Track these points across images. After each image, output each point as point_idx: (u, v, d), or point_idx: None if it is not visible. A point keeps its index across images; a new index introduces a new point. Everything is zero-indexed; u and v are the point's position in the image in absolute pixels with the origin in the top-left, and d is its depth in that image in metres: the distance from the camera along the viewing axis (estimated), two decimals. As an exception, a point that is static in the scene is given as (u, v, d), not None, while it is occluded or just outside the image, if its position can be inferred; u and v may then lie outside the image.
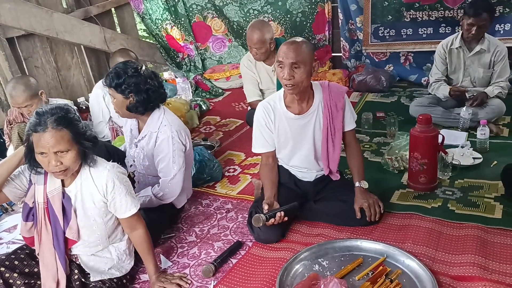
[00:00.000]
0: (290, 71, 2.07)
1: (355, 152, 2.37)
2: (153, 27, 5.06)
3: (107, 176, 1.84)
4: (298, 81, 2.10)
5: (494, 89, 3.21)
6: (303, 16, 4.64)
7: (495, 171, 2.62)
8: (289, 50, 2.08)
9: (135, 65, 2.25)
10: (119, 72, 2.20)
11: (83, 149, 1.77)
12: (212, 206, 2.66)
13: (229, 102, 4.48)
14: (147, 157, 2.39)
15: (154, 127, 2.32)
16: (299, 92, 2.16)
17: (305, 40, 2.15)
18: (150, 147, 2.35)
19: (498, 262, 1.91)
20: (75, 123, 1.76)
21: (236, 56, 5.01)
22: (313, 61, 2.14)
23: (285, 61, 2.08)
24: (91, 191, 1.85)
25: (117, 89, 2.21)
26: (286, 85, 2.12)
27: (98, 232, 1.93)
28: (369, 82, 4.21)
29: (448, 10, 3.98)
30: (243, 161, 3.18)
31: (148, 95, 2.24)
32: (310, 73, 2.13)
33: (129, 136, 2.49)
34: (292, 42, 2.11)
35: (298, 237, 2.27)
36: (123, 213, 1.91)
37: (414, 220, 2.27)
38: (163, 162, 2.32)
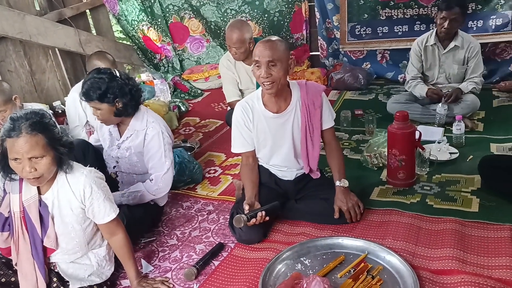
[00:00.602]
0: (267, 69, 2.08)
1: (335, 151, 2.37)
2: (129, 29, 5.00)
3: (84, 181, 1.81)
4: (276, 78, 2.10)
5: (468, 85, 3.28)
6: (280, 16, 4.65)
7: (471, 165, 2.67)
8: (265, 48, 2.08)
9: (108, 71, 2.24)
10: (98, 83, 2.18)
11: (59, 155, 1.74)
12: (193, 209, 2.64)
13: (208, 102, 4.46)
14: (135, 155, 2.39)
15: (140, 125, 2.35)
16: (277, 90, 2.17)
17: (279, 38, 2.16)
18: (138, 145, 2.35)
19: (476, 254, 1.95)
20: (51, 128, 1.72)
21: (214, 57, 4.99)
22: (289, 59, 2.15)
23: (261, 59, 2.08)
24: (69, 198, 1.82)
25: (103, 99, 2.20)
26: (264, 84, 2.12)
27: (76, 239, 1.89)
28: (347, 80, 4.25)
29: (422, 8, 4.05)
30: (224, 162, 3.17)
31: (132, 95, 2.26)
32: (286, 71, 2.14)
33: (108, 139, 2.46)
34: (267, 41, 2.12)
35: (280, 236, 2.27)
36: (102, 219, 1.88)
37: (394, 216, 2.30)
38: (155, 158, 2.34)
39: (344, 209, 2.23)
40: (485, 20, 3.89)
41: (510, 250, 1.92)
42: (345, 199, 2.24)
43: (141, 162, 2.41)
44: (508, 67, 3.97)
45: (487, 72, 3.91)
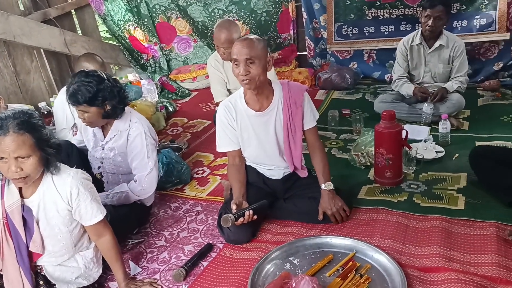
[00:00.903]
0: (245, 67, 2.09)
1: (318, 152, 2.36)
2: (116, 29, 4.96)
3: (71, 183, 1.79)
4: (254, 75, 2.11)
5: (454, 84, 3.31)
6: (267, 16, 4.65)
7: (457, 164, 2.71)
8: (242, 46, 2.09)
9: (95, 73, 2.21)
10: (87, 86, 2.15)
11: (46, 156, 1.72)
12: (181, 209, 2.63)
13: (196, 103, 4.44)
14: (119, 155, 2.38)
15: (123, 126, 2.34)
16: (256, 87, 2.18)
17: (257, 37, 2.18)
18: (121, 145, 2.35)
19: (462, 252, 1.97)
20: (39, 129, 1.70)
21: (202, 57, 4.98)
22: (267, 56, 2.16)
23: (239, 57, 2.09)
24: (55, 200, 1.80)
25: (92, 103, 2.17)
26: (243, 81, 2.13)
27: (63, 241, 1.87)
28: (334, 80, 4.27)
29: (408, 8, 4.09)
30: (212, 162, 3.16)
31: (120, 96, 2.26)
32: (265, 68, 2.15)
33: (93, 140, 2.45)
34: (245, 39, 2.13)
35: (269, 236, 2.27)
36: (89, 220, 1.86)
37: (381, 214, 2.32)
38: (137, 158, 2.34)
39: (329, 213, 2.25)
40: (469, 20, 3.94)
41: (495, 247, 1.95)
42: (330, 203, 2.25)
43: (125, 162, 2.41)
44: (492, 66, 4.02)
45: (472, 72, 3.97)
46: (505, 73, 4.01)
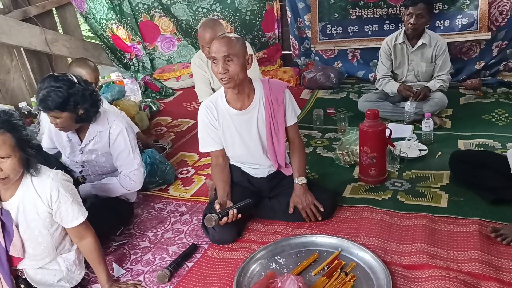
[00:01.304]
0: (224, 65, 2.08)
1: (297, 148, 2.38)
2: (98, 27, 4.89)
3: (50, 184, 1.75)
4: (233, 74, 2.10)
5: (436, 83, 3.35)
6: (252, 15, 4.64)
7: (440, 162, 2.73)
8: (220, 44, 2.08)
9: (65, 77, 2.12)
10: (57, 91, 2.06)
11: (26, 157, 1.68)
12: (165, 210, 2.60)
13: (180, 102, 4.41)
14: (102, 156, 2.35)
15: (102, 126, 2.30)
16: (236, 86, 2.16)
17: (236, 35, 2.17)
18: (103, 146, 2.31)
19: (446, 249, 1.98)
20: (19, 129, 1.67)
21: (186, 56, 4.94)
22: (246, 54, 2.15)
23: (217, 55, 2.08)
24: (34, 202, 1.76)
25: (64, 108, 2.10)
26: (222, 79, 2.12)
27: (44, 244, 1.83)
28: (319, 79, 4.27)
29: (391, 7, 4.12)
30: (197, 162, 3.14)
31: (92, 99, 2.19)
32: (244, 66, 2.14)
33: (69, 145, 2.37)
34: (223, 37, 2.12)
35: (254, 236, 2.26)
36: (70, 223, 1.83)
37: (366, 212, 2.33)
38: (122, 156, 2.31)
39: (299, 207, 2.26)
40: (451, 20, 3.98)
41: (478, 244, 1.97)
42: (301, 197, 2.26)
43: (109, 162, 2.37)
44: (474, 65, 4.08)
45: (454, 71, 4.02)
46: (486, 72, 4.07)
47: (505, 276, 1.79)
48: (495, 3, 3.85)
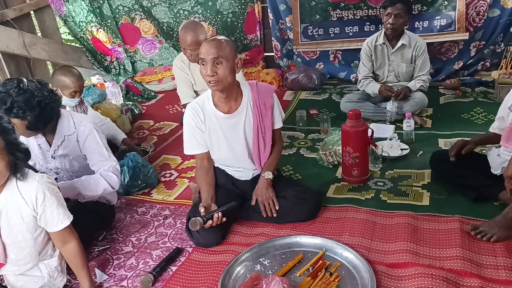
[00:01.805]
0: (212, 67, 2.07)
1: (275, 149, 2.41)
2: (77, 30, 4.83)
3: (36, 187, 1.73)
4: (222, 77, 2.09)
5: (416, 83, 3.40)
6: (233, 17, 4.64)
7: (422, 160, 2.77)
8: (210, 46, 2.07)
9: (15, 83, 2.04)
10: (4, 97, 2.00)
11: (14, 161, 1.66)
12: (148, 214, 2.57)
13: (162, 105, 4.38)
14: (75, 160, 2.32)
15: (68, 130, 2.25)
16: (224, 89, 2.16)
17: (226, 38, 2.16)
18: (73, 149, 2.28)
19: (428, 247, 2.01)
20: (9, 132, 1.65)
21: (167, 58, 4.91)
22: (235, 58, 2.14)
23: (206, 57, 2.07)
24: (19, 205, 1.73)
25: (9, 114, 2.01)
26: (210, 82, 2.11)
27: (27, 249, 1.80)
28: (302, 81, 4.30)
29: (371, 9, 4.16)
30: (180, 165, 3.11)
31: (42, 108, 2.07)
32: (233, 69, 2.13)
33: (40, 153, 2.32)
34: (213, 39, 2.11)
35: (238, 238, 2.25)
36: (55, 226, 1.80)
37: (350, 212, 2.34)
38: (96, 155, 2.28)
39: (259, 200, 2.28)
40: (430, 21, 4.05)
41: (460, 241, 1.99)
42: (262, 190, 2.28)
43: (84, 167, 2.34)
44: (453, 65, 4.15)
45: (434, 71, 4.08)
46: (465, 72, 4.15)
47: (486, 272, 1.81)
48: (472, 4, 3.93)
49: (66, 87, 2.80)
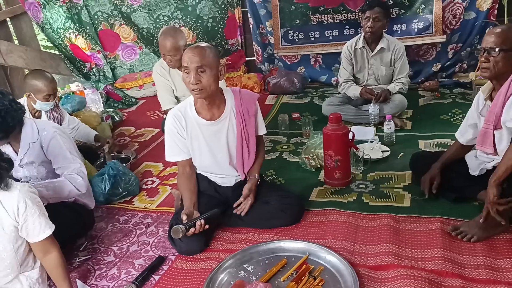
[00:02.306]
0: (196, 75, 2.06)
1: (259, 155, 2.41)
2: (55, 37, 4.75)
3: (18, 196, 1.70)
4: (206, 85, 2.08)
5: (396, 85, 3.44)
6: (214, 22, 4.63)
7: (402, 162, 2.80)
8: (193, 54, 2.06)
9: None
10: None
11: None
12: (130, 222, 2.54)
13: (143, 111, 4.34)
14: (42, 165, 2.31)
15: (32, 137, 2.25)
16: (207, 97, 2.15)
17: (209, 45, 2.16)
18: (38, 156, 2.28)
19: (410, 248, 2.02)
20: None
21: (148, 64, 4.87)
22: (219, 65, 2.14)
23: (190, 65, 2.06)
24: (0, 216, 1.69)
25: None
26: (194, 90, 2.10)
27: (8, 260, 1.77)
28: (283, 85, 4.31)
29: (350, 13, 4.20)
30: (162, 172, 3.09)
31: (2, 117, 2.06)
32: (217, 77, 2.12)
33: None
34: (196, 47, 2.10)
35: (222, 245, 2.23)
36: (36, 236, 1.77)
37: (333, 215, 2.35)
38: (60, 159, 2.29)
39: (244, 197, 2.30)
40: (408, 24, 4.10)
41: (441, 242, 2.02)
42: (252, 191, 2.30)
43: (51, 171, 2.34)
44: (431, 67, 4.21)
45: (413, 73, 4.14)
46: (443, 73, 4.21)
47: (466, 272, 1.84)
48: (449, 7, 3.99)
49: (39, 91, 2.77)
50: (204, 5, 4.56)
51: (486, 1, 3.87)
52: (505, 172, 1.84)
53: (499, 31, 1.98)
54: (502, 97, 1.96)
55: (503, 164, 1.85)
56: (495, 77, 2.02)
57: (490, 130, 2.04)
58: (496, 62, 1.96)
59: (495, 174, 1.88)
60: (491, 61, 1.98)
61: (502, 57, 1.95)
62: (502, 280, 1.77)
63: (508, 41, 1.95)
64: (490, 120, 2.04)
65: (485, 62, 2.00)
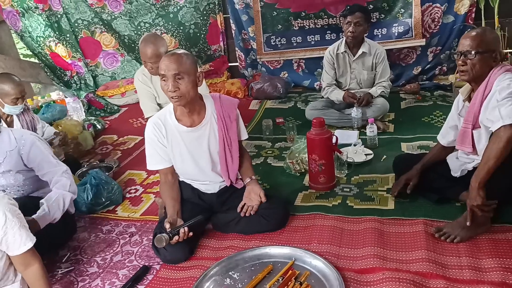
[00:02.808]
0: (174, 83, 2.05)
1: (245, 157, 2.42)
2: (35, 46, 4.69)
3: None
4: (184, 92, 2.07)
5: (378, 89, 3.47)
6: (196, 28, 4.62)
7: (385, 165, 2.82)
8: (170, 62, 2.05)
9: None
10: None
11: None
12: (114, 232, 2.50)
13: (126, 118, 4.30)
14: (20, 173, 2.28)
15: (10, 145, 2.23)
16: (187, 103, 2.14)
17: (185, 52, 2.15)
18: (16, 164, 2.25)
19: (395, 250, 2.03)
20: None
21: (130, 71, 4.83)
22: (197, 71, 2.13)
23: (167, 73, 2.05)
24: None
25: None
26: (172, 98, 2.09)
27: (-13, 274, 1.72)
28: (267, 90, 4.31)
29: (331, 18, 4.24)
30: (145, 180, 3.05)
31: None
32: (195, 83, 2.12)
33: None
34: (173, 54, 2.09)
35: (207, 252, 2.21)
36: (17, 249, 1.73)
37: (318, 220, 2.34)
38: (44, 164, 2.28)
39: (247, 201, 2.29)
40: (388, 28, 4.16)
41: (425, 243, 2.03)
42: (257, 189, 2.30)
43: (29, 179, 2.32)
44: (412, 71, 4.27)
45: (394, 76, 4.19)
46: (423, 76, 4.27)
47: (450, 273, 1.85)
48: (427, 11, 4.06)
49: (6, 95, 2.74)
50: (185, 11, 4.55)
51: (464, 5, 3.95)
52: (487, 173, 1.86)
53: (474, 35, 2.02)
54: (479, 97, 2.00)
55: (484, 165, 1.87)
56: (474, 79, 2.05)
57: (469, 129, 2.07)
58: (473, 64, 2.00)
59: (478, 177, 1.89)
60: (468, 64, 2.01)
61: (479, 59, 1.99)
62: (485, 280, 1.79)
63: (483, 44, 1.99)
64: (468, 119, 2.07)
65: (462, 65, 2.03)
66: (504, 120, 1.80)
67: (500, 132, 1.81)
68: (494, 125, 1.84)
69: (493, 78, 1.97)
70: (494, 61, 2.00)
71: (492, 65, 2.00)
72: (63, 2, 4.55)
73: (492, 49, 2.00)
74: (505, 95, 1.86)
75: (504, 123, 1.80)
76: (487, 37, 2.01)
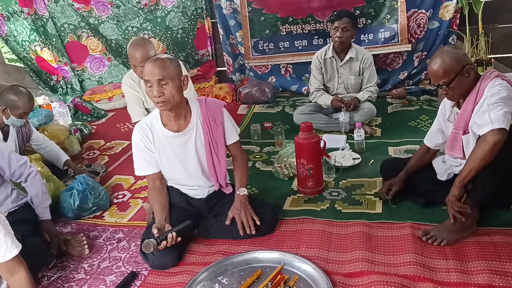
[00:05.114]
0: (159, 88, 2.04)
1: (240, 163, 2.39)
2: (20, 50, 4.64)
3: None
4: (169, 97, 2.07)
5: (365, 94, 3.51)
6: (184, 32, 4.62)
7: (373, 169, 2.84)
8: (154, 67, 2.04)
9: None
10: None
11: None
12: (101, 238, 2.47)
13: (113, 123, 4.27)
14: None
15: None
16: (173, 108, 2.13)
17: (169, 56, 2.14)
18: None
19: (383, 254, 2.04)
20: None
21: (117, 75, 4.81)
22: (181, 75, 2.12)
23: (151, 78, 2.04)
24: None
25: None
26: (158, 103, 2.08)
27: (-28, 284, 1.68)
28: (255, 94, 4.32)
29: (318, 23, 4.27)
30: (133, 185, 3.03)
31: None
32: (180, 88, 2.11)
33: None
34: (156, 59, 2.08)
35: (196, 258, 2.20)
36: (2, 257, 1.69)
37: (306, 224, 2.35)
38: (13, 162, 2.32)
39: (237, 216, 2.24)
40: (375, 33, 4.20)
41: (412, 247, 2.05)
42: (239, 208, 2.25)
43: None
44: (398, 75, 4.32)
45: (381, 81, 4.23)
46: (410, 81, 4.32)
47: (438, 276, 1.86)
48: (413, 17, 4.12)
49: (16, 108, 2.68)
50: (173, 16, 4.54)
51: (449, 11, 4.01)
52: (470, 173, 1.91)
53: (436, 69, 2.01)
54: (471, 103, 2.02)
55: (468, 165, 1.91)
56: (461, 97, 2.09)
57: (459, 135, 2.10)
58: (453, 90, 2.04)
59: (460, 176, 1.95)
60: (449, 91, 2.05)
61: (455, 85, 2.01)
62: (472, 283, 1.81)
63: (447, 72, 1.99)
64: (459, 125, 2.09)
65: (445, 94, 2.08)
66: (493, 124, 1.83)
67: (488, 135, 1.84)
68: (483, 129, 1.87)
69: (484, 85, 1.99)
70: (469, 76, 2.01)
71: (471, 79, 2.02)
72: (49, 6, 4.52)
73: (458, 70, 1.99)
74: (495, 100, 1.89)
75: (493, 127, 1.83)
76: (448, 63, 1.98)
